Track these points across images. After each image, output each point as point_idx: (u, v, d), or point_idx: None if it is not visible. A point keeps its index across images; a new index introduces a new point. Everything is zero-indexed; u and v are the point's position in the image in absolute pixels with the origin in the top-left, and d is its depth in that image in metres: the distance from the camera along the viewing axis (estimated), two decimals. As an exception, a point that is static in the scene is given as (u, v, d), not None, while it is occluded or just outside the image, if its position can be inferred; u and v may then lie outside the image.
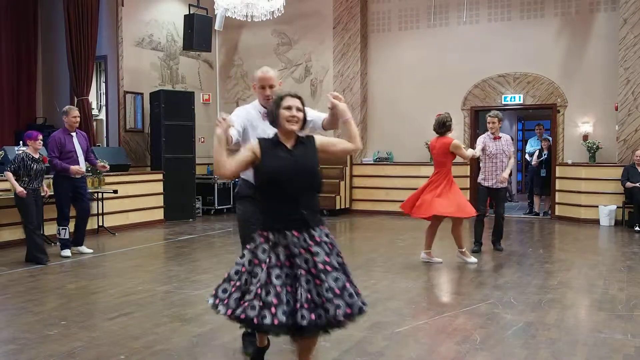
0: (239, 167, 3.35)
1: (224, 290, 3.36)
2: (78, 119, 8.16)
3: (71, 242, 8.16)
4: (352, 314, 3.21)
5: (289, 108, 3.37)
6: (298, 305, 3.14)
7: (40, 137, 7.58)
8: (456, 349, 4.29)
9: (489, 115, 8.03)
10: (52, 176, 8.19)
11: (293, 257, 3.25)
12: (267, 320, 3.11)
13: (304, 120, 3.45)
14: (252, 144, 3.40)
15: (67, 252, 7.99)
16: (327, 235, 3.37)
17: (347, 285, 3.26)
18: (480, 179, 8.13)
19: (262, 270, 3.23)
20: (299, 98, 3.45)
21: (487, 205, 8.31)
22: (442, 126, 7.42)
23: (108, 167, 8.53)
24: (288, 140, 3.39)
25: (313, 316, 3.14)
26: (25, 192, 7.28)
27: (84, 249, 8.26)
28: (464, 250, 7.45)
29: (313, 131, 3.97)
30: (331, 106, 3.61)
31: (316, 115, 4.08)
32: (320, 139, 3.48)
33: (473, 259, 7.44)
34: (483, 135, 8.17)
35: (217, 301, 3.37)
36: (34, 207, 7.44)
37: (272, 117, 3.43)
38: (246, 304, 3.21)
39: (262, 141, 3.40)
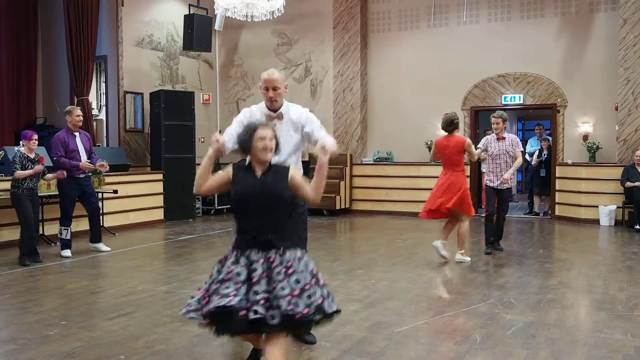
0: (213, 186, 3.63)
1: (197, 300, 3.51)
2: (81, 119, 8.22)
3: (90, 240, 8.36)
4: (308, 314, 3.23)
5: (262, 139, 3.49)
6: (250, 304, 3.23)
7: (35, 137, 7.55)
8: (456, 349, 4.29)
9: (493, 116, 7.96)
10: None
11: (254, 270, 3.35)
12: (223, 302, 3.23)
13: (276, 146, 3.58)
14: (228, 169, 3.62)
15: (67, 253, 8.00)
16: (299, 258, 3.39)
17: (308, 287, 3.28)
18: (486, 179, 8.17)
19: (225, 272, 3.42)
20: (272, 129, 3.60)
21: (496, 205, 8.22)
22: (451, 124, 7.43)
23: (107, 167, 8.51)
24: (260, 167, 3.53)
25: (266, 312, 3.20)
26: (41, 167, 7.37)
27: (101, 246, 8.35)
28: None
29: (307, 140, 4.30)
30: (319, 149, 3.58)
31: (316, 128, 4.28)
32: (293, 175, 3.56)
33: (467, 258, 7.55)
34: (487, 135, 8.22)
35: (189, 309, 3.50)
36: (30, 207, 7.42)
37: (245, 145, 3.56)
38: (207, 299, 3.40)
39: (235, 166, 3.61)
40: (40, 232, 8.66)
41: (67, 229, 8.02)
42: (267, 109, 4.32)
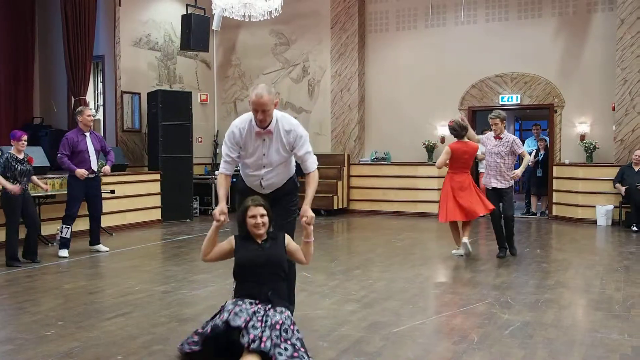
0: (216, 256, 4.23)
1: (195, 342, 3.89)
2: (92, 118, 8.29)
3: (89, 242, 8.42)
4: None
5: (253, 217, 4.00)
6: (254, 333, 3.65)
7: (25, 137, 7.50)
8: (453, 349, 4.30)
9: (490, 117, 7.80)
10: (66, 175, 8.38)
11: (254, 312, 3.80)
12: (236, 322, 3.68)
13: (270, 221, 4.07)
14: (231, 239, 4.14)
15: (64, 253, 7.99)
16: (287, 318, 3.81)
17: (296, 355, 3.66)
18: (484, 180, 7.98)
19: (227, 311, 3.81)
20: (262, 205, 4.04)
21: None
22: (464, 128, 7.63)
23: (109, 171, 8.50)
24: (259, 237, 4.06)
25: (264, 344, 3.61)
26: (17, 188, 7.20)
27: (101, 247, 8.39)
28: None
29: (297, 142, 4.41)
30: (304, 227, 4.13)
31: (303, 149, 4.41)
32: (289, 240, 4.16)
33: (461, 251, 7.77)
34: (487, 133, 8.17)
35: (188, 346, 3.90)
36: (19, 209, 7.36)
37: (240, 222, 4.09)
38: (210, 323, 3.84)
39: (237, 237, 4.12)
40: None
41: (69, 228, 8.04)
42: (257, 126, 4.36)
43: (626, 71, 11.00)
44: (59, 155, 7.98)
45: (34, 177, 7.74)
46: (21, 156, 7.42)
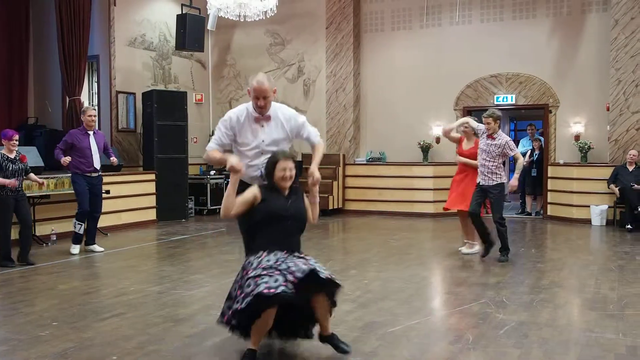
0: (240, 209, 4.10)
1: (229, 306, 3.99)
2: (93, 119, 8.36)
3: (84, 243, 8.42)
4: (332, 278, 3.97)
5: (283, 169, 4.07)
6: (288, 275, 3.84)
7: (16, 136, 7.49)
8: (449, 349, 4.30)
9: (483, 116, 7.60)
10: (69, 174, 8.51)
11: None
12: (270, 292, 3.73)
13: (296, 176, 4.18)
14: (254, 189, 4.10)
15: (76, 250, 8.15)
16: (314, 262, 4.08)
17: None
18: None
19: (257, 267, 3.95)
20: (292, 158, 4.14)
21: (482, 205, 7.83)
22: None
23: (116, 161, 8.75)
24: (284, 190, 4.14)
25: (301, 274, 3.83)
26: (14, 181, 7.17)
27: (96, 247, 8.40)
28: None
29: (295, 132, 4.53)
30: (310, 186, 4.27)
31: (308, 131, 4.57)
32: (304, 198, 4.29)
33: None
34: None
35: (226, 318, 4.00)
36: (10, 209, 7.33)
37: (268, 172, 4.11)
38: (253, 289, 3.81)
39: (262, 187, 4.13)
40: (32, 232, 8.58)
41: (82, 225, 8.18)
42: (256, 112, 4.39)
43: (620, 71, 11.04)
44: (55, 150, 8.15)
45: (32, 175, 7.72)
46: (12, 155, 7.39)
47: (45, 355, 4.17)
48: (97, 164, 8.28)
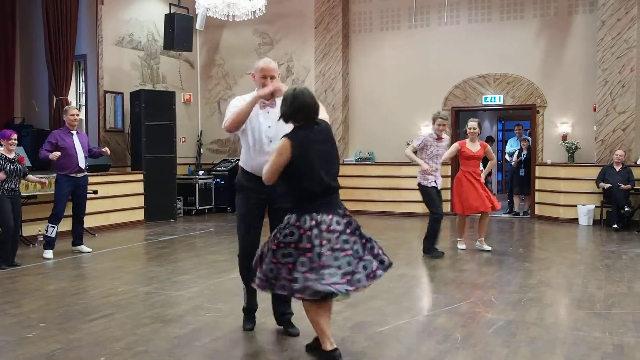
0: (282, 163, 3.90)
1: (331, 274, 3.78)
2: (75, 118, 8.24)
3: (72, 243, 8.35)
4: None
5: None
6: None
7: (15, 136, 7.43)
8: (437, 348, 4.32)
9: (439, 118, 7.86)
10: (49, 176, 8.35)
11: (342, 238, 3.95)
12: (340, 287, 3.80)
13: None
14: (283, 142, 3.87)
15: (49, 254, 7.91)
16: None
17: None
18: (425, 180, 7.85)
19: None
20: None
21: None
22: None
23: (108, 151, 8.66)
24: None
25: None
26: (2, 174, 7.08)
27: (84, 248, 8.34)
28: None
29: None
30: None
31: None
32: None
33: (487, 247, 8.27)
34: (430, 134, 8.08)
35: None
36: (10, 209, 7.27)
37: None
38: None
39: (292, 135, 3.92)
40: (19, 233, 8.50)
41: (54, 227, 8.00)
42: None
43: (607, 72, 11.12)
44: (40, 150, 7.99)
45: (30, 176, 7.68)
46: (11, 156, 7.32)
47: (32, 357, 4.14)
48: (82, 164, 8.18)
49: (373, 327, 4.77)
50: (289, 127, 4.02)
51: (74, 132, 8.21)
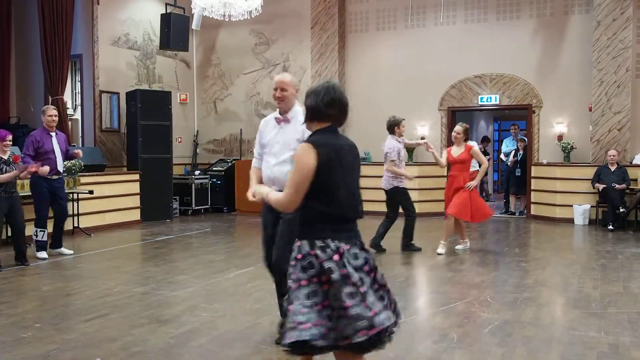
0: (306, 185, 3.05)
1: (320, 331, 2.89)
2: (55, 119, 7.99)
3: (50, 245, 8.07)
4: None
5: None
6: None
7: (9, 137, 7.36)
8: (433, 348, 4.32)
9: (402, 123, 8.52)
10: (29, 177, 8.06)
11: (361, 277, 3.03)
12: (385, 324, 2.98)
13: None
14: (311, 151, 3.02)
15: (43, 254, 7.85)
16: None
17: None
18: (399, 182, 8.41)
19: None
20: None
21: None
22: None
23: (81, 153, 8.40)
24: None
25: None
26: (17, 172, 7.10)
27: (64, 250, 8.16)
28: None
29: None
30: None
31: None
32: None
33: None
34: (395, 140, 8.47)
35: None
36: (4, 210, 7.20)
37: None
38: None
39: (315, 142, 3.05)
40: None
41: (44, 231, 7.84)
42: (278, 112, 4.41)
43: (602, 72, 11.15)
44: (21, 155, 7.72)
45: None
46: (6, 157, 7.27)
47: (27, 357, 4.13)
48: (60, 167, 7.95)
49: (369, 327, 4.77)
50: (294, 143, 4.08)
51: (53, 133, 7.94)
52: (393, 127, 8.29)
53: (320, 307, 2.87)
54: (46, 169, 7.45)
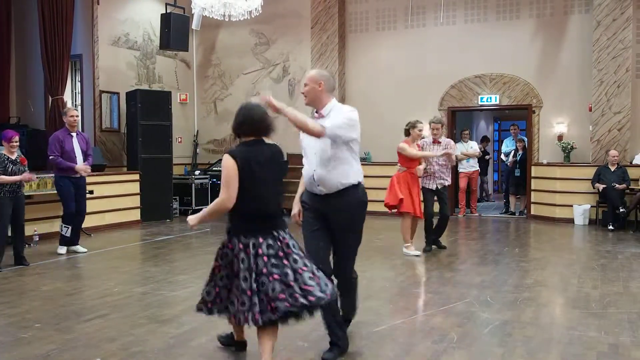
0: None
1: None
2: (77, 119, 8.32)
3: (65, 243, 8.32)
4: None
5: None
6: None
7: (16, 138, 7.37)
8: (433, 348, 4.32)
9: (431, 122, 8.38)
10: (52, 175, 8.41)
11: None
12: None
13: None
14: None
15: (63, 250, 8.13)
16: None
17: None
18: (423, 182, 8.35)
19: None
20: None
21: None
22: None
23: (89, 170, 8.45)
24: None
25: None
26: (32, 176, 7.31)
27: (79, 248, 8.34)
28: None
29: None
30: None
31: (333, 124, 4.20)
32: None
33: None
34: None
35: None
36: (8, 212, 7.23)
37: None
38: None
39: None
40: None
41: (68, 227, 8.09)
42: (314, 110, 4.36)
43: (602, 72, 11.15)
44: (51, 157, 8.01)
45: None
46: (14, 157, 7.29)
47: (27, 357, 4.13)
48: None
49: (369, 327, 4.78)
50: (322, 144, 4.10)
51: (74, 133, 8.23)
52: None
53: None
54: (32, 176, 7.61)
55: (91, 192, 9.76)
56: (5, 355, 4.18)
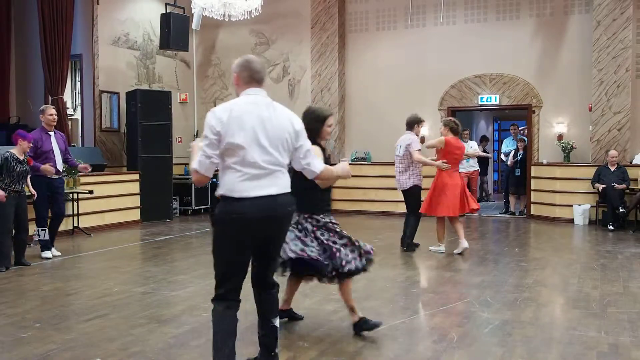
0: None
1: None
2: (55, 117, 8.01)
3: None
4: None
5: (330, 125, 4.87)
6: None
7: (32, 141, 7.41)
8: (433, 348, 4.32)
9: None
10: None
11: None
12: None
13: None
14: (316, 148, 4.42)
15: (48, 254, 7.86)
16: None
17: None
18: (418, 181, 8.52)
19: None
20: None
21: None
22: (458, 126, 8.17)
23: (90, 168, 8.42)
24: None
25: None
26: (4, 194, 7.02)
27: (53, 251, 8.04)
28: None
29: None
30: None
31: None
32: None
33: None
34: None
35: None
36: (11, 211, 7.23)
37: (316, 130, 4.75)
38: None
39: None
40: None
41: (45, 230, 7.83)
42: None
43: (602, 72, 11.15)
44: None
45: (28, 179, 7.62)
46: (22, 157, 7.28)
47: (27, 357, 4.13)
48: (60, 166, 7.93)
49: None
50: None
51: (52, 132, 7.94)
52: (414, 124, 8.20)
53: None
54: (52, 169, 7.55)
55: (91, 192, 9.78)
56: (5, 355, 4.18)
